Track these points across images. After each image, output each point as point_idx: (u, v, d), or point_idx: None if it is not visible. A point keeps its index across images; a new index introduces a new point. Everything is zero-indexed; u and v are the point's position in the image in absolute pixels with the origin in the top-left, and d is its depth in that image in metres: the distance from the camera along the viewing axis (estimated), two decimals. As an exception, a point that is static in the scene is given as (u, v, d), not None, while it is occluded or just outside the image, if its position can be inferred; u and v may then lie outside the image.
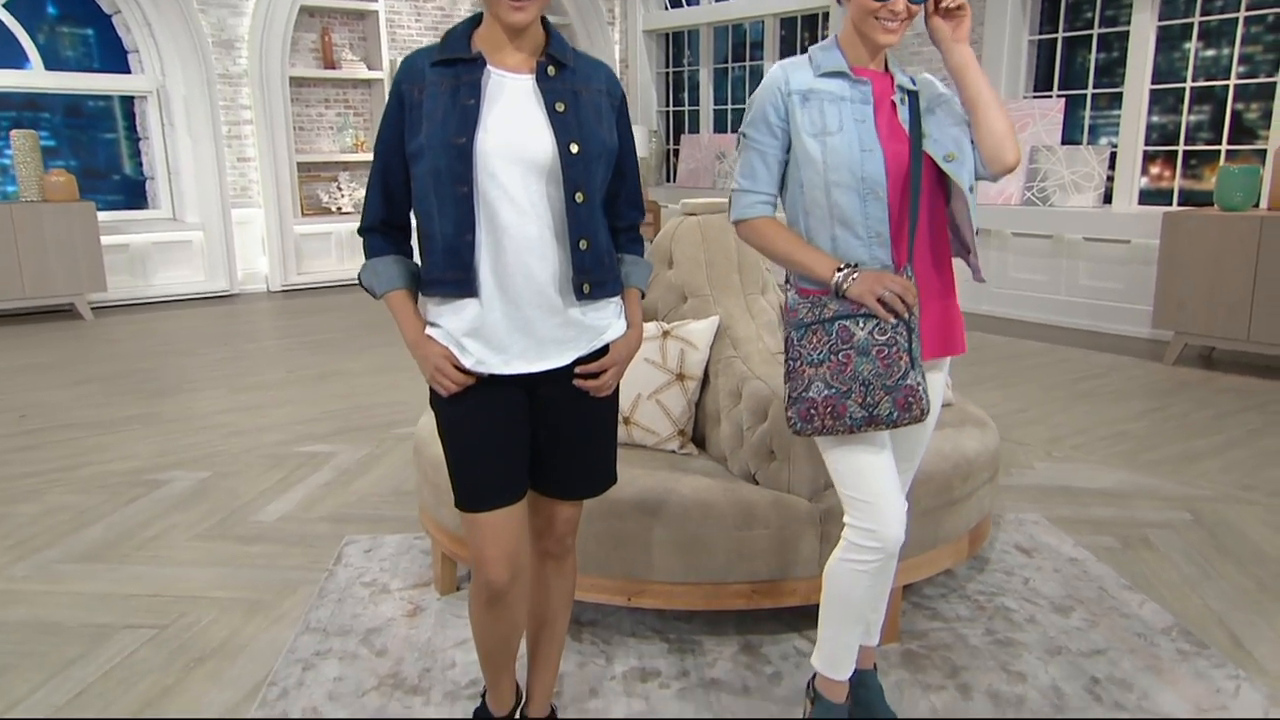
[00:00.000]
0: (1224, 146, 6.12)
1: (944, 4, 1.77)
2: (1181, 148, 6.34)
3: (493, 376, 1.67)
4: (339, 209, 9.22)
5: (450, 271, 1.65)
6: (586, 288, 1.67)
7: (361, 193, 9.33)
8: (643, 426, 2.61)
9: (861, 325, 1.74)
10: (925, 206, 1.80)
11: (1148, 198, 6.52)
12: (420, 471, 2.72)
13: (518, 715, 1.97)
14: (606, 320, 1.74)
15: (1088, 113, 6.87)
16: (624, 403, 2.60)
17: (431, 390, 1.72)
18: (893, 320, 1.73)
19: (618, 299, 1.77)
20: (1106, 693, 2.18)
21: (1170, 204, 6.36)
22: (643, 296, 1.84)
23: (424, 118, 1.62)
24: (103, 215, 7.64)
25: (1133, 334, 6.26)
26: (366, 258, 1.76)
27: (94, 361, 5.79)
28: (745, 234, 1.85)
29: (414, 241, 1.78)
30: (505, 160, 1.60)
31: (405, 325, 1.71)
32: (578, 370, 1.71)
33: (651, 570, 2.31)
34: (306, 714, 2.14)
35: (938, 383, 1.94)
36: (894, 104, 1.79)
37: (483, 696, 1.95)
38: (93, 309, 7.46)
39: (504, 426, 1.70)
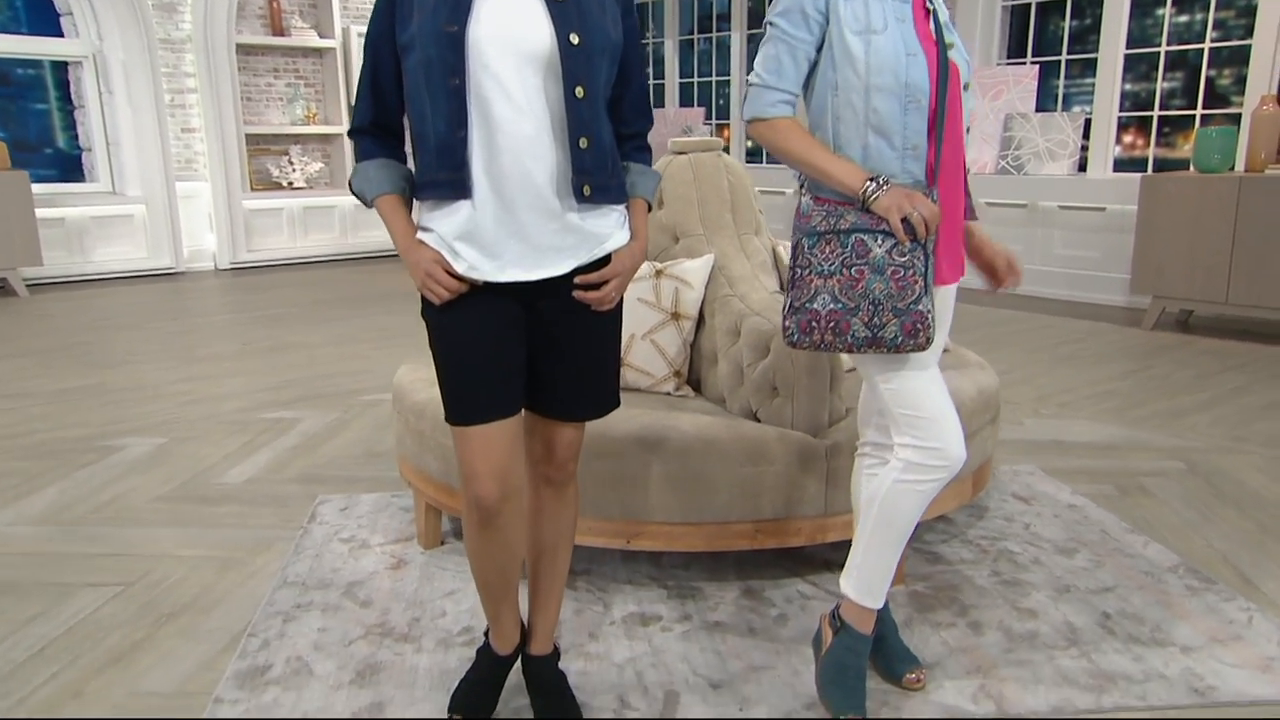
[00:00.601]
0: (1198, 111, 6.24)
1: None
2: (1156, 113, 6.45)
3: (487, 285, 1.62)
4: (290, 184, 9.04)
5: (442, 172, 1.59)
6: (587, 190, 1.61)
7: (315, 167, 9.16)
8: (636, 368, 2.57)
9: (880, 242, 1.71)
10: (950, 122, 1.77)
11: (1121, 166, 6.62)
12: (401, 419, 2.65)
13: (521, 653, 1.92)
14: (608, 229, 1.68)
15: (1061, 80, 6.96)
16: (617, 344, 2.56)
17: (423, 299, 1.67)
18: (909, 242, 1.70)
19: (621, 208, 1.72)
20: (1119, 627, 2.19)
21: (1144, 172, 6.46)
22: (650, 210, 1.80)
23: (415, 7, 1.57)
24: (37, 188, 7.38)
25: (1109, 302, 6.36)
26: (357, 161, 1.70)
27: (31, 336, 5.60)
28: (761, 133, 1.79)
29: (409, 149, 1.72)
30: (500, 51, 1.55)
31: (396, 230, 1.66)
32: (577, 280, 1.66)
33: (651, 511, 2.27)
34: (291, 665, 2.06)
35: (949, 305, 1.92)
36: (926, 9, 1.76)
37: (486, 635, 1.90)
38: (28, 286, 7.22)
39: (497, 337, 1.65)
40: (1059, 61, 6.91)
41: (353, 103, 2.10)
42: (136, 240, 8.08)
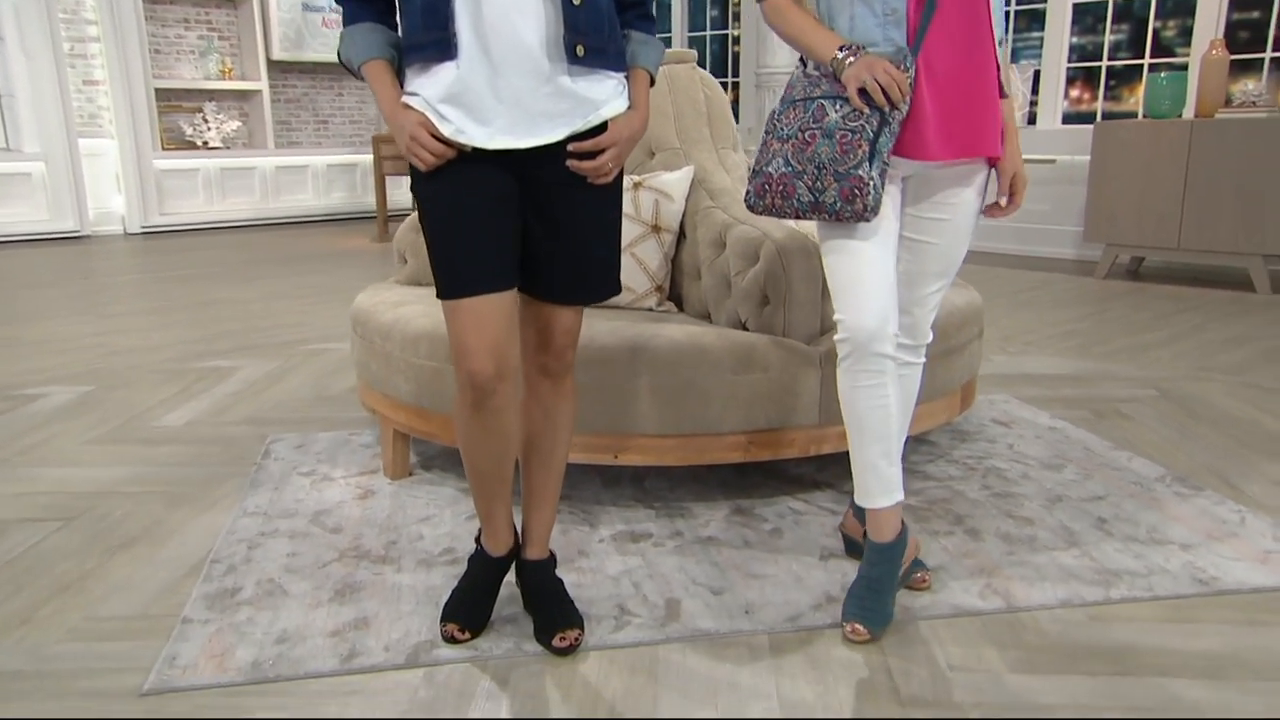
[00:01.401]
0: (1146, 61, 6.42)
1: None
2: (1105, 63, 6.62)
3: (478, 154, 1.56)
4: (205, 143, 8.74)
5: (428, 32, 1.53)
6: (580, 50, 1.56)
7: (232, 126, 8.86)
8: (616, 283, 2.52)
9: (837, 108, 1.75)
10: None
11: (1069, 120, 6.78)
12: (364, 345, 2.56)
13: (516, 561, 1.87)
14: (604, 95, 1.63)
15: (1010, 34, 7.09)
16: (595, 258, 2.51)
17: (412, 170, 1.62)
18: (866, 110, 1.71)
19: (620, 76, 1.67)
20: (1116, 529, 2.24)
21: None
22: (652, 83, 1.75)
23: None
24: (-76, 141, 7.01)
25: (1061, 255, 6.52)
26: (344, 25, 1.63)
27: (-72, 295, 5.31)
28: (766, 13, 1.85)
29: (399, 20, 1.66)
30: None
31: (382, 96, 1.60)
32: (571, 148, 1.61)
33: (639, 423, 2.23)
34: (262, 587, 1.98)
35: (966, 195, 1.91)
36: None
37: (478, 540, 1.85)
38: (-83, 248, 6.86)
39: (488, 207, 1.60)
40: (1007, 14, 7.04)
41: (271, 57, 1.94)
42: (36, 201, 7.73)
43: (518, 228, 1.65)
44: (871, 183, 1.71)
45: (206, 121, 8.71)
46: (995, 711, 1.56)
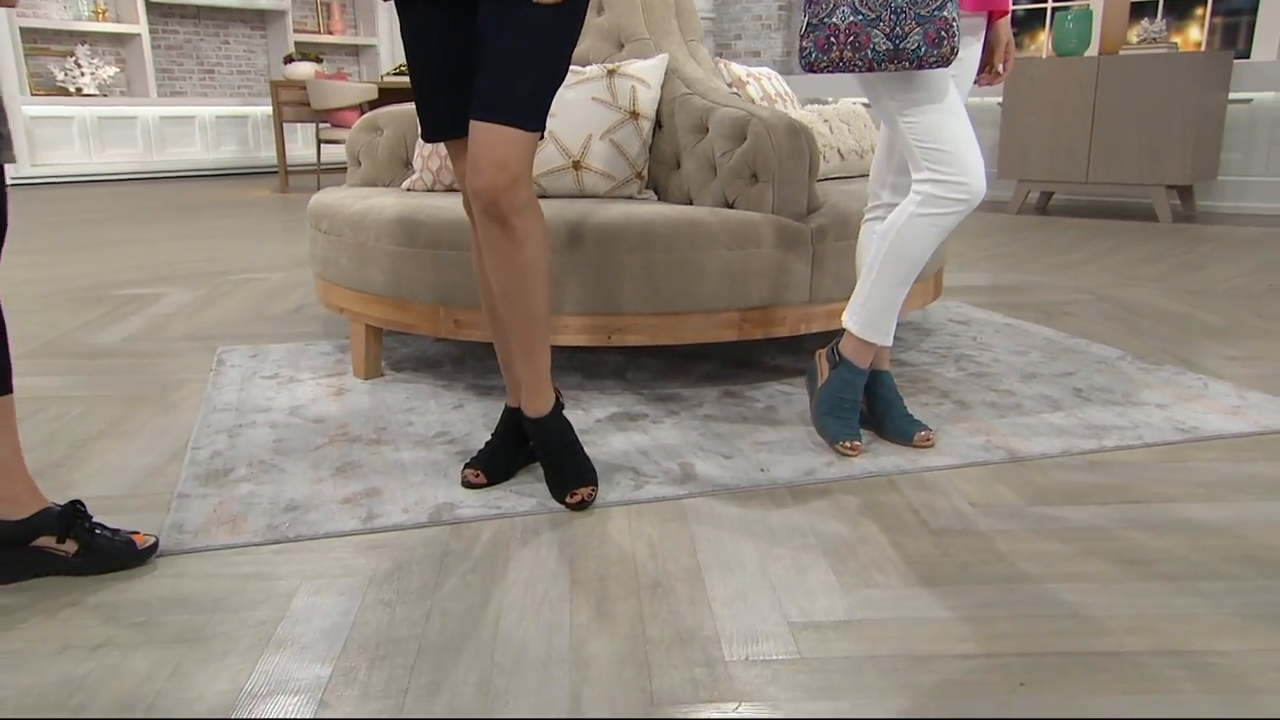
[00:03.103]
0: (1049, 5, 6.69)
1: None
2: (1010, 9, 6.85)
3: None
4: (79, 90, 8.24)
5: None
6: None
7: (109, 72, 8.38)
8: (596, 170, 2.50)
9: None
10: None
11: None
12: (330, 241, 2.48)
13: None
14: None
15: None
16: (573, 145, 2.49)
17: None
18: None
19: None
20: (1094, 396, 2.35)
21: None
22: None
23: None
24: None
25: (971, 196, 6.76)
26: None
27: None
28: None
29: None
30: None
31: None
32: None
33: (633, 302, 2.23)
34: (255, 467, 1.90)
35: (974, 50, 1.97)
36: None
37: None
38: None
39: (424, 53, 1.66)
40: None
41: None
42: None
43: (462, 68, 1.67)
44: (955, 21, 1.72)
45: (80, 66, 8.22)
46: (1020, 539, 1.63)
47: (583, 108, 2.50)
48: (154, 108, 8.55)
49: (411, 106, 2.84)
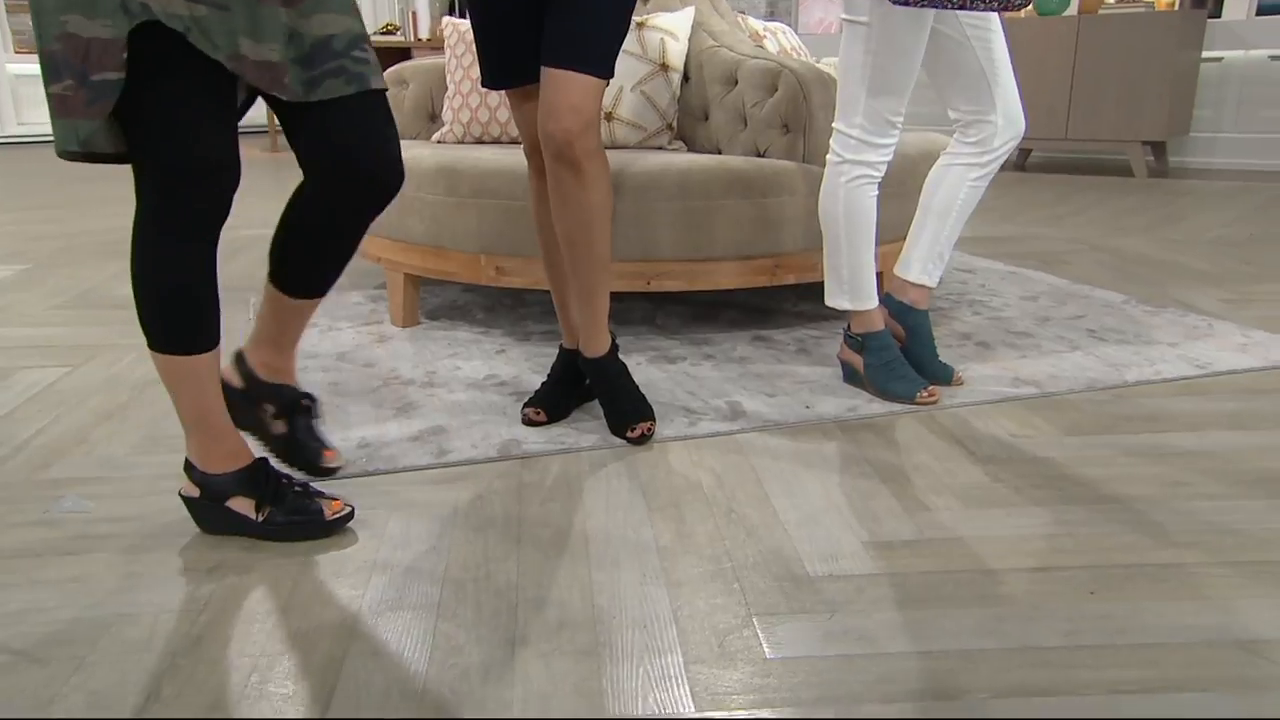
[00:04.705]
0: (1029, -33, 6.70)
1: None
2: (990, -30, 6.86)
3: None
4: (64, 49, 8.03)
5: None
6: None
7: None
8: (627, 121, 2.51)
9: None
10: None
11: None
12: (367, 187, 2.46)
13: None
14: None
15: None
16: (605, 97, 2.48)
17: None
18: None
19: None
20: (1108, 336, 2.41)
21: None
22: None
23: None
24: None
25: (952, 154, 6.80)
26: None
27: None
28: None
29: None
30: None
31: None
32: None
33: (671, 249, 2.25)
34: (323, 408, 1.91)
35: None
36: None
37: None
38: None
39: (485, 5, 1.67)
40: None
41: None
42: (-122, 109, 6.98)
43: (527, 25, 1.67)
44: None
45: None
46: (1064, 466, 1.68)
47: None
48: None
49: (437, 61, 2.82)
